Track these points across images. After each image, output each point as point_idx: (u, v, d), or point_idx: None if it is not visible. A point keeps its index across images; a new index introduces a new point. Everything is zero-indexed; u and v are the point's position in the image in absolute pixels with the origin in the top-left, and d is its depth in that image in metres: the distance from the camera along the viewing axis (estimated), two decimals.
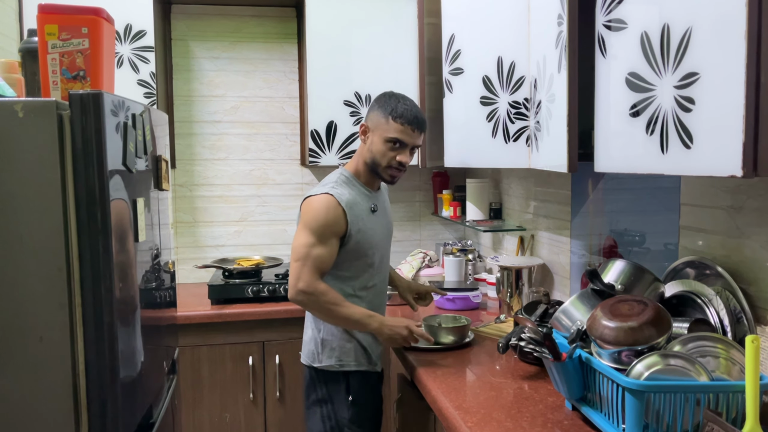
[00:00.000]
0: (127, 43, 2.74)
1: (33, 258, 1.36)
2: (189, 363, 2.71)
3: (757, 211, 1.45)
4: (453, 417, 1.57)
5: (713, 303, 1.48)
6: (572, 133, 1.63)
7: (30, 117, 1.34)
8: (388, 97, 2.02)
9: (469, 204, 2.83)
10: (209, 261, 3.08)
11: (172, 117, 3.17)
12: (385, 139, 1.96)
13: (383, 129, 1.96)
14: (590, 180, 2.18)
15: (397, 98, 2.00)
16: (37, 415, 1.38)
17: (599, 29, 1.48)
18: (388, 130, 1.95)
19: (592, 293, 1.66)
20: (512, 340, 1.77)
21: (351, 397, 2.03)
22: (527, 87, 2.04)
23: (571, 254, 2.33)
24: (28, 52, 1.66)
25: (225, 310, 2.73)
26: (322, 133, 2.97)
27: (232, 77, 3.25)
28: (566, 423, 1.50)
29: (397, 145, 1.96)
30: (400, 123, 1.94)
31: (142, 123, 1.71)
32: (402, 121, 1.94)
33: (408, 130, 1.95)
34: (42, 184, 1.35)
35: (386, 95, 2.04)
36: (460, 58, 2.31)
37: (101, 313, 1.40)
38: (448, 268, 2.93)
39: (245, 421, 2.78)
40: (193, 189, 3.26)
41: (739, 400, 1.23)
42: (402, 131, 1.95)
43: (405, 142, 1.96)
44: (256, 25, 3.25)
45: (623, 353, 1.36)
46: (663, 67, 1.27)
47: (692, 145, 1.19)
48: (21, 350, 1.37)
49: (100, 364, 1.41)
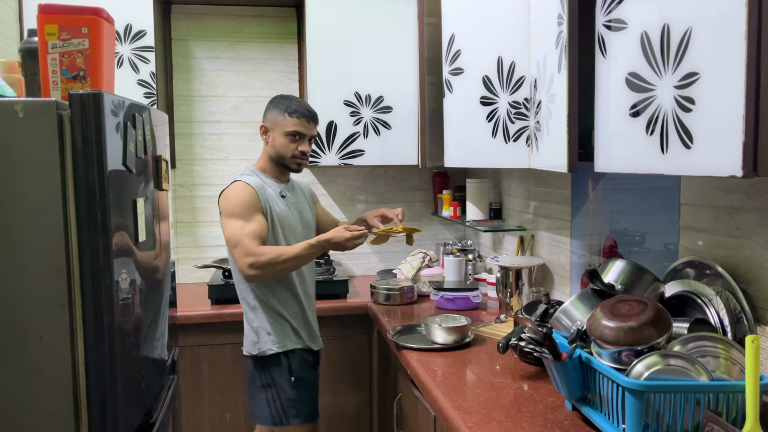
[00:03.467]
0: (127, 43, 2.74)
1: (33, 258, 1.36)
2: (189, 363, 2.71)
3: (757, 211, 1.45)
4: (453, 417, 1.57)
5: (713, 303, 1.48)
6: (572, 133, 1.63)
7: (30, 117, 1.34)
8: (281, 98, 2.26)
9: (469, 204, 2.83)
10: (209, 261, 3.08)
11: (172, 117, 3.17)
12: (285, 133, 2.21)
13: (282, 125, 2.21)
14: (590, 180, 2.18)
15: (289, 98, 2.26)
16: (37, 415, 1.39)
17: (599, 29, 1.48)
18: (287, 125, 2.20)
19: (592, 293, 1.65)
20: (512, 340, 1.77)
21: (293, 378, 2.24)
22: (527, 87, 2.04)
23: (571, 254, 2.33)
24: (28, 52, 1.66)
25: (225, 310, 2.73)
26: (322, 133, 2.97)
27: (232, 77, 3.26)
28: (566, 423, 1.50)
29: (296, 137, 2.21)
30: (296, 117, 2.20)
31: (142, 123, 1.71)
32: (298, 115, 2.20)
33: (304, 122, 2.21)
34: (42, 184, 1.35)
35: (279, 97, 2.28)
36: (460, 58, 2.31)
37: (101, 313, 1.41)
38: (448, 268, 2.93)
39: (245, 421, 2.78)
40: (193, 189, 3.26)
41: (739, 400, 1.23)
42: (299, 124, 2.21)
43: (303, 134, 2.22)
44: (256, 25, 3.25)
45: (623, 353, 1.36)
46: (663, 67, 1.27)
47: (692, 145, 1.19)
48: (21, 350, 1.37)
49: (100, 364, 1.41)
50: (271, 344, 2.23)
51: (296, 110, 2.20)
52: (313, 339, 2.33)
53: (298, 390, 2.25)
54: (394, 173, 3.41)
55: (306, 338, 2.30)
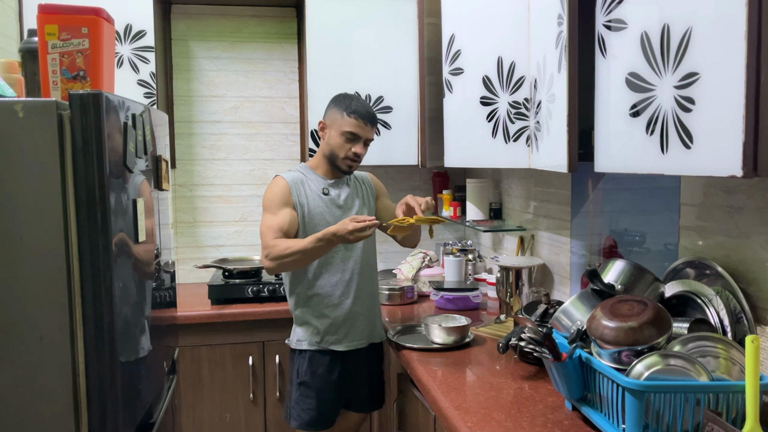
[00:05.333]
0: (127, 43, 2.74)
1: (33, 258, 1.36)
2: (189, 363, 2.71)
3: (757, 211, 1.45)
4: (453, 417, 1.57)
5: (713, 303, 1.48)
6: (572, 133, 1.63)
7: (30, 117, 1.34)
8: (344, 97, 2.24)
9: (469, 204, 2.83)
10: (209, 261, 3.08)
11: (172, 117, 3.17)
12: (341, 132, 2.17)
13: (340, 124, 2.18)
14: (590, 180, 2.18)
15: (351, 97, 2.23)
16: (37, 415, 1.38)
17: (599, 29, 1.48)
18: (344, 124, 2.17)
19: (592, 293, 1.65)
20: (512, 340, 1.77)
21: (298, 380, 2.22)
22: (527, 87, 2.03)
23: (571, 254, 2.33)
24: (28, 52, 1.66)
25: (225, 310, 2.73)
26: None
27: (232, 77, 3.26)
28: (566, 423, 1.50)
29: (352, 138, 2.17)
30: (354, 118, 2.16)
31: (142, 123, 1.71)
32: (356, 116, 2.17)
33: (362, 124, 2.17)
34: (42, 184, 1.35)
35: (341, 95, 2.25)
36: (460, 58, 2.31)
37: (101, 313, 1.40)
38: (448, 268, 2.93)
39: (245, 421, 2.78)
40: (193, 189, 3.26)
41: (739, 400, 1.23)
42: (356, 125, 2.17)
43: (359, 135, 2.18)
44: (256, 25, 3.25)
45: (623, 353, 1.36)
46: (663, 67, 1.27)
47: (692, 145, 1.19)
48: (21, 350, 1.37)
49: (100, 363, 1.41)
50: (294, 338, 2.26)
51: (356, 111, 2.16)
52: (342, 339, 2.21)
53: (301, 394, 2.22)
54: (394, 173, 3.40)
55: (329, 339, 2.20)
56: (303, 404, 2.21)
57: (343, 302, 2.21)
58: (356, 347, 2.24)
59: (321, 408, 2.21)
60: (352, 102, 2.19)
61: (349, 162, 2.20)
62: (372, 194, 2.37)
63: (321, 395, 2.21)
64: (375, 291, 2.35)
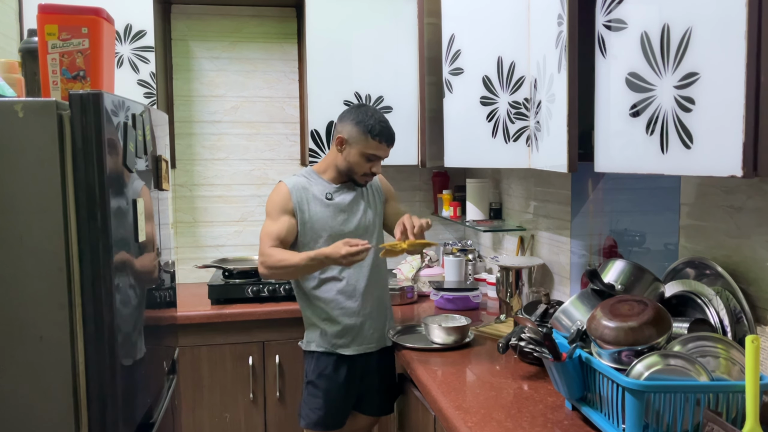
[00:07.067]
0: (127, 43, 2.74)
1: (33, 258, 1.36)
2: (189, 363, 2.71)
3: (757, 211, 1.45)
4: (453, 417, 1.57)
5: (713, 303, 1.48)
6: (572, 133, 1.63)
7: (30, 117, 1.34)
8: (363, 113, 2.17)
9: (469, 204, 2.83)
10: (209, 261, 3.08)
11: (172, 117, 3.17)
12: (363, 153, 2.16)
13: (362, 145, 2.16)
14: (590, 180, 2.18)
15: (371, 115, 2.17)
16: (37, 415, 1.38)
17: (599, 29, 1.48)
18: (368, 147, 2.16)
19: (592, 293, 1.65)
20: (512, 340, 1.77)
21: (307, 380, 2.25)
22: (527, 87, 2.04)
23: (571, 254, 2.33)
24: (28, 52, 1.66)
25: (225, 310, 2.73)
26: (322, 133, 2.97)
27: (232, 77, 3.26)
28: (566, 423, 1.50)
29: (374, 158, 2.19)
30: (378, 141, 2.15)
31: (142, 123, 1.71)
32: (380, 140, 2.16)
33: (384, 147, 2.18)
34: (42, 184, 1.35)
35: (360, 110, 2.19)
36: (460, 58, 2.31)
37: (101, 313, 1.40)
38: (448, 268, 2.93)
39: (245, 421, 2.78)
40: (193, 189, 3.26)
41: (739, 400, 1.23)
42: (380, 148, 2.17)
43: (381, 157, 2.20)
44: (256, 25, 3.25)
45: (623, 353, 1.36)
46: (663, 67, 1.27)
47: (692, 145, 1.19)
48: (21, 350, 1.37)
49: (100, 364, 1.41)
50: (305, 339, 2.27)
51: (380, 134, 2.14)
52: (349, 344, 2.20)
53: (309, 393, 2.24)
54: (394, 173, 3.40)
55: (337, 342, 2.20)
56: (311, 403, 2.23)
57: (351, 306, 2.20)
58: (365, 351, 2.23)
59: (328, 408, 2.21)
60: (375, 123, 2.14)
61: (366, 178, 2.24)
62: (380, 198, 2.35)
63: (328, 395, 2.21)
64: (384, 295, 2.33)
